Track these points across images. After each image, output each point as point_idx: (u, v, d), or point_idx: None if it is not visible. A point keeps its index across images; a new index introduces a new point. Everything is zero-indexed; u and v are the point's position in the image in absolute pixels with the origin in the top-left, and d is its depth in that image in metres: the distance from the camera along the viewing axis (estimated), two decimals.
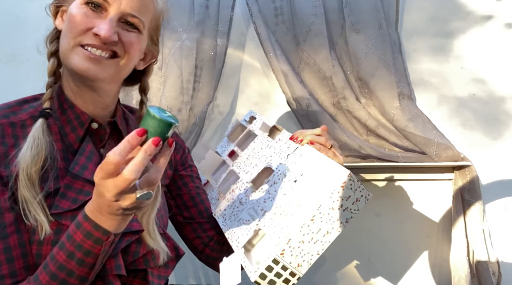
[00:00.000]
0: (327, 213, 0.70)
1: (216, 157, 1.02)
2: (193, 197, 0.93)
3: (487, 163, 1.39)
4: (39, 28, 1.65)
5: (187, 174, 0.94)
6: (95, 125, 0.74)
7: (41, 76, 1.63)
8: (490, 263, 1.30)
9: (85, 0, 0.67)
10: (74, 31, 0.67)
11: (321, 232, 0.70)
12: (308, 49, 1.45)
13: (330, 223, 0.70)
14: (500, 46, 1.42)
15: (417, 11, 1.48)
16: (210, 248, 0.94)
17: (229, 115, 1.57)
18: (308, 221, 0.69)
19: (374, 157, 1.41)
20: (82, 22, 0.67)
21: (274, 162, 0.88)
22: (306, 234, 0.69)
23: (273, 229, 0.74)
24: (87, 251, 0.59)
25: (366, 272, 1.47)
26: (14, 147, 0.66)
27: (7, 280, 0.62)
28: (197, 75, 1.51)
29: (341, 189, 0.70)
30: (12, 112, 0.70)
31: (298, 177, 0.79)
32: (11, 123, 0.68)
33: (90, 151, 0.72)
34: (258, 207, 0.82)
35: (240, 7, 1.54)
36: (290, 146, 0.88)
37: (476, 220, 1.33)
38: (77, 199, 0.67)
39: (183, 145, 0.95)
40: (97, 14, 0.67)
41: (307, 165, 0.80)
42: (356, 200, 0.72)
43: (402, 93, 1.40)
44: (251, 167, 0.93)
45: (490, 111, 1.42)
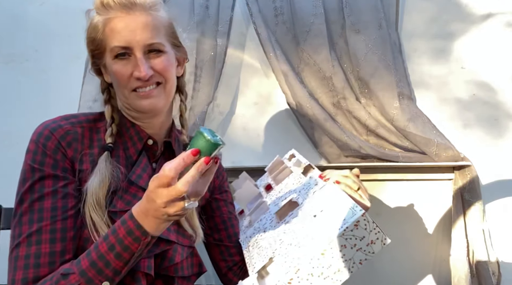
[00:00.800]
0: (339, 249, 0.71)
1: (253, 188, 1.08)
2: (224, 221, 0.99)
3: (487, 163, 1.39)
4: (39, 28, 1.66)
5: (222, 199, 1.01)
6: (151, 142, 0.85)
7: (40, 76, 1.64)
8: (490, 263, 1.30)
9: (113, 55, 0.78)
10: (122, 83, 0.79)
11: (331, 268, 0.71)
12: (308, 49, 1.45)
13: (342, 261, 0.71)
14: (500, 46, 1.42)
15: (417, 11, 1.48)
16: (233, 272, 0.99)
17: (229, 115, 1.57)
18: (319, 255, 0.70)
19: (374, 157, 1.41)
20: (123, 74, 0.78)
21: (300, 197, 0.92)
22: (316, 267, 0.70)
23: (285, 258, 0.75)
24: (126, 246, 0.67)
25: (366, 272, 1.47)
26: (89, 147, 0.79)
27: (58, 256, 0.71)
28: (197, 75, 1.51)
29: (355, 227, 0.71)
30: (94, 120, 0.83)
31: (318, 212, 0.81)
32: (90, 128, 0.82)
33: (145, 164, 0.84)
34: (277, 237, 0.84)
35: (240, 7, 1.54)
36: (318, 183, 0.92)
37: (476, 220, 1.33)
38: (130, 202, 0.78)
39: (223, 172, 1.03)
40: (128, 60, 0.78)
41: (328, 201, 0.82)
42: (371, 242, 0.72)
43: (402, 93, 1.40)
44: (281, 200, 0.97)
45: (490, 112, 1.42)
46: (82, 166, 0.77)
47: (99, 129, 0.82)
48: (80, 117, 0.82)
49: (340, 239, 0.70)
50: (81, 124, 0.80)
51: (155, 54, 0.79)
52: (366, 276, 1.47)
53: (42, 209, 0.72)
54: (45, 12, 1.64)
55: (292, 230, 0.82)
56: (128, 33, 0.76)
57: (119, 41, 0.76)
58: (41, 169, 0.74)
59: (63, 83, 1.60)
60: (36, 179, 0.73)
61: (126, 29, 0.76)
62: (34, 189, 0.73)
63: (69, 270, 0.68)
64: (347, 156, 1.46)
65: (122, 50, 0.77)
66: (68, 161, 0.76)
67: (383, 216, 1.47)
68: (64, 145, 0.76)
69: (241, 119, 1.57)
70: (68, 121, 0.79)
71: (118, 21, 0.76)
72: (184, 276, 0.83)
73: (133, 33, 0.76)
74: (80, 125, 0.80)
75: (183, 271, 0.82)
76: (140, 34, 0.76)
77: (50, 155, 0.74)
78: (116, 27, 0.76)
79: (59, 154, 0.75)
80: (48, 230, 0.71)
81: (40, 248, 0.70)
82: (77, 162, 0.77)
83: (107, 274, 0.67)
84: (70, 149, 0.76)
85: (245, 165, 1.46)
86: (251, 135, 1.56)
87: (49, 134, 0.75)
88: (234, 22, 1.51)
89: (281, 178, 1.09)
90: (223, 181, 1.03)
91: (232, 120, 1.57)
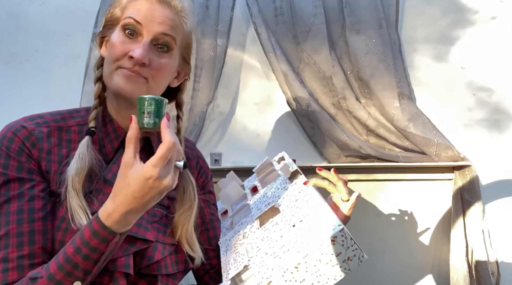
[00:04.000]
0: (313, 264, 0.68)
1: (239, 189, 1.06)
2: (205, 222, 0.96)
3: (487, 163, 1.39)
4: (39, 28, 1.66)
5: (205, 199, 0.97)
6: None
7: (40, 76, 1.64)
8: (489, 263, 1.30)
9: (122, 26, 0.75)
10: (113, 57, 0.75)
11: (305, 282, 0.68)
12: (308, 49, 1.45)
13: (316, 276, 0.69)
14: (500, 46, 1.42)
15: (417, 11, 1.48)
16: (210, 276, 0.97)
17: (229, 115, 1.57)
18: (292, 268, 0.68)
19: (374, 157, 1.41)
20: (120, 48, 0.75)
21: (283, 204, 0.90)
22: (288, 281, 0.68)
23: (260, 268, 0.74)
24: (93, 248, 0.65)
25: (367, 271, 1.47)
26: (57, 146, 0.77)
27: (26, 260, 0.69)
28: (197, 75, 1.51)
29: (331, 243, 0.68)
30: (62, 118, 0.80)
31: (298, 222, 0.79)
32: (59, 127, 0.79)
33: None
34: (255, 244, 0.82)
35: (240, 7, 1.54)
36: (301, 191, 0.90)
37: (476, 220, 1.33)
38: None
39: (207, 171, 1.00)
40: (133, 40, 0.75)
41: (308, 212, 0.80)
42: (347, 259, 0.70)
43: (402, 93, 1.40)
44: (264, 204, 0.95)
45: (490, 112, 1.42)
46: (50, 166, 0.75)
47: (69, 128, 0.79)
48: (46, 117, 0.79)
49: (315, 254, 0.68)
50: (47, 124, 0.77)
51: (160, 50, 0.77)
52: (365, 275, 1.47)
53: (8, 213, 0.70)
54: (45, 12, 1.63)
55: (270, 238, 0.81)
56: (148, 16, 0.74)
57: (136, 15, 0.74)
58: (5, 173, 0.72)
59: (63, 83, 1.59)
60: (1, 183, 0.71)
61: (149, 11, 0.75)
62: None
63: (38, 274, 0.66)
64: (347, 156, 1.46)
65: (134, 23, 0.74)
66: (34, 162, 0.73)
67: (382, 215, 1.47)
68: (29, 146, 0.73)
69: (241, 119, 1.57)
70: (33, 122, 0.76)
71: (145, 3, 0.75)
72: (169, 273, 0.80)
73: (152, 18, 0.74)
74: (46, 125, 0.77)
75: (167, 268, 0.80)
76: (158, 23, 0.75)
77: (14, 157, 0.72)
78: (141, 5, 0.75)
79: (24, 155, 0.73)
80: (15, 233, 0.70)
81: (8, 253, 0.69)
82: (44, 161, 0.74)
83: (77, 275, 0.65)
84: (35, 149, 0.74)
85: (245, 165, 1.46)
86: (251, 135, 1.56)
87: (12, 136, 0.73)
88: (234, 22, 1.51)
89: (268, 181, 1.07)
90: (207, 180, 1.00)
91: (232, 120, 1.57)
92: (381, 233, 1.47)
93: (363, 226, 1.48)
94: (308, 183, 0.91)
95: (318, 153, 1.51)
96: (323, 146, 1.49)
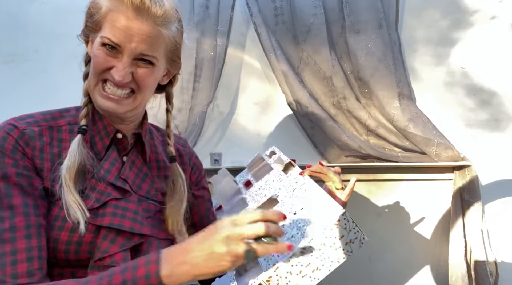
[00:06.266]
0: (318, 248, 0.70)
1: (233, 184, 1.07)
2: (202, 218, 0.97)
3: (487, 163, 1.39)
4: (39, 28, 1.66)
5: (199, 195, 0.98)
6: (120, 135, 0.83)
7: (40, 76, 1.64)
8: (488, 263, 1.30)
9: (101, 42, 0.75)
10: (96, 71, 0.76)
11: (310, 266, 0.70)
12: (308, 49, 1.45)
13: (321, 260, 0.71)
14: (500, 46, 1.42)
15: (417, 11, 1.48)
16: None
17: (229, 115, 1.57)
18: (298, 253, 0.70)
19: (374, 157, 1.41)
20: (102, 62, 0.75)
21: (281, 194, 0.91)
22: (295, 265, 0.69)
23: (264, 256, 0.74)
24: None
25: (367, 271, 1.47)
26: (49, 145, 0.76)
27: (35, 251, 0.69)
28: (197, 75, 1.51)
29: (334, 226, 0.71)
30: (53, 118, 0.80)
31: (298, 210, 0.81)
32: (50, 127, 0.78)
33: (114, 158, 0.81)
34: None
35: (240, 7, 1.54)
36: (298, 181, 0.91)
37: (475, 220, 1.33)
38: (99, 199, 0.75)
39: (201, 167, 1.01)
40: (114, 54, 0.75)
41: (308, 199, 0.82)
42: (350, 241, 0.72)
43: (402, 93, 1.40)
44: (261, 196, 0.96)
45: (490, 112, 1.42)
46: (43, 164, 0.74)
47: (60, 128, 0.79)
48: (36, 117, 0.79)
49: (319, 238, 0.70)
50: (38, 124, 0.77)
51: (143, 64, 0.76)
52: (365, 274, 1.47)
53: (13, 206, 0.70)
54: (45, 12, 1.64)
55: None
56: (126, 35, 0.73)
57: (114, 36, 0.73)
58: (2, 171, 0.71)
59: (63, 83, 1.59)
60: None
61: (126, 31, 0.72)
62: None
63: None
64: (347, 156, 1.46)
65: (112, 44, 0.73)
66: (28, 159, 0.73)
67: (383, 215, 1.48)
68: (22, 144, 0.73)
69: (241, 119, 1.57)
70: (23, 121, 0.76)
71: (122, 18, 0.72)
72: None
73: (130, 38, 0.73)
74: (37, 125, 0.77)
75: None
76: (136, 42, 0.73)
77: (8, 155, 0.72)
78: (118, 22, 0.72)
79: (18, 153, 0.73)
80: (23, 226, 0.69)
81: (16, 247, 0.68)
82: (37, 159, 0.74)
83: None
84: (29, 148, 0.74)
85: (245, 165, 1.46)
86: (251, 135, 1.56)
87: (6, 135, 0.73)
88: (234, 22, 1.51)
89: (261, 175, 1.07)
90: (201, 176, 1.00)
91: (232, 120, 1.57)
92: (381, 232, 1.47)
93: (363, 226, 1.47)
94: (304, 173, 0.92)
95: (318, 153, 1.51)
96: (323, 146, 1.49)
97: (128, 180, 0.80)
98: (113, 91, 0.76)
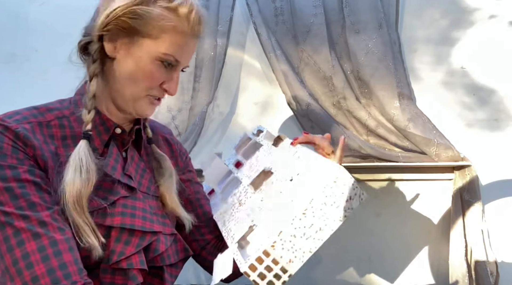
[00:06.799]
0: (319, 208, 0.70)
1: (223, 166, 1.05)
2: (191, 201, 0.95)
3: (487, 163, 1.39)
4: (39, 28, 1.66)
5: (186, 179, 0.96)
6: (119, 130, 0.79)
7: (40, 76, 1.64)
8: (488, 263, 1.30)
9: (160, 58, 0.74)
10: (149, 85, 0.75)
11: (313, 227, 0.70)
12: (308, 49, 1.45)
13: (323, 220, 0.70)
14: (500, 46, 1.42)
15: (417, 11, 1.48)
16: (207, 251, 0.97)
17: (229, 115, 1.57)
18: (300, 215, 0.69)
19: (374, 157, 1.41)
20: (157, 78, 0.75)
21: (274, 166, 0.90)
22: (298, 228, 0.69)
23: (266, 223, 0.74)
24: None
25: (367, 271, 1.47)
26: (44, 143, 0.71)
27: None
28: (197, 75, 1.51)
29: (334, 184, 0.70)
30: (40, 113, 0.75)
31: (295, 175, 0.80)
32: (39, 123, 0.73)
33: (116, 154, 0.78)
34: (255, 206, 0.83)
35: (240, 7, 1.54)
36: (290, 150, 0.91)
37: (475, 220, 1.33)
38: (107, 198, 0.72)
39: (186, 153, 1.00)
40: (168, 70, 0.76)
41: (303, 164, 0.82)
42: (350, 198, 0.72)
43: (402, 93, 1.40)
44: (254, 171, 0.95)
45: (490, 112, 1.42)
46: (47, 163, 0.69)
47: (49, 123, 0.74)
48: (23, 113, 0.73)
49: (320, 197, 0.70)
50: (28, 120, 0.71)
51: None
52: (365, 274, 1.47)
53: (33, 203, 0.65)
54: (45, 12, 1.64)
55: (269, 196, 0.81)
56: (184, 53, 0.76)
57: (176, 53, 0.75)
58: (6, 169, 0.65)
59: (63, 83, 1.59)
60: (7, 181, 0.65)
61: (185, 49, 0.76)
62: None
63: None
64: (347, 155, 1.46)
65: (172, 62, 0.75)
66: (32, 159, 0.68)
67: (383, 215, 1.48)
68: (21, 144, 0.67)
69: (241, 119, 1.57)
70: (11, 119, 0.69)
71: (184, 37, 0.75)
72: (171, 263, 0.80)
73: (186, 56, 0.77)
74: (26, 121, 0.71)
75: (170, 259, 0.79)
76: (187, 58, 0.78)
77: (10, 155, 0.66)
78: (181, 41, 0.74)
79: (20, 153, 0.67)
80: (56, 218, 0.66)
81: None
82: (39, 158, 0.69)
83: None
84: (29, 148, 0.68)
85: None
86: None
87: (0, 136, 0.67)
88: (234, 22, 1.51)
89: (251, 153, 1.06)
90: (187, 160, 0.99)
91: (232, 120, 1.57)
92: (381, 232, 1.47)
93: (364, 226, 1.48)
94: (295, 142, 0.92)
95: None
96: None
97: (132, 176, 0.79)
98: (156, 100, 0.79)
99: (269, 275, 0.68)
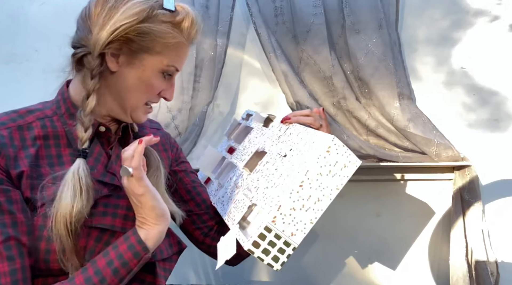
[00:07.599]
0: (315, 178, 0.71)
1: (216, 153, 1.05)
2: (189, 191, 0.96)
3: (487, 163, 1.39)
4: (39, 28, 1.66)
5: (180, 169, 0.97)
6: (103, 128, 0.78)
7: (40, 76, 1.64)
8: (488, 263, 1.30)
9: (163, 70, 0.75)
10: (149, 95, 0.77)
11: (311, 199, 0.71)
12: (308, 49, 1.45)
13: (320, 190, 0.71)
14: (500, 46, 1.42)
15: (417, 11, 1.48)
16: (211, 237, 0.98)
17: (229, 115, 1.57)
18: (297, 187, 0.70)
19: (374, 157, 1.41)
20: (158, 88, 0.77)
21: (266, 145, 0.91)
22: (296, 200, 0.70)
23: (265, 200, 0.75)
24: (124, 261, 0.67)
25: (367, 271, 1.47)
26: (22, 149, 0.70)
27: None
28: (197, 75, 1.51)
29: (327, 153, 0.71)
30: (19, 116, 0.74)
31: (288, 151, 0.81)
32: (19, 126, 0.72)
33: (98, 152, 0.77)
34: (252, 186, 0.84)
35: (240, 7, 1.54)
36: (281, 128, 0.92)
37: (475, 220, 1.33)
38: None
39: (176, 144, 1.01)
40: (166, 80, 0.78)
41: (295, 140, 0.83)
42: (344, 166, 0.73)
43: (402, 93, 1.40)
44: (247, 155, 0.96)
45: (490, 112, 1.42)
46: (21, 171, 0.68)
47: (30, 125, 0.72)
48: (1, 118, 0.71)
49: (315, 168, 0.71)
50: (6, 126, 0.70)
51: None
52: (365, 274, 1.47)
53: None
54: (45, 12, 1.63)
55: (265, 174, 0.82)
56: (183, 61, 0.79)
57: (176, 63, 0.77)
58: None
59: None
60: None
61: (184, 57, 0.78)
62: None
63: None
64: None
65: (173, 72, 0.78)
66: (1, 171, 0.66)
67: (383, 215, 1.48)
68: None
69: None
70: None
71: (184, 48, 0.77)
72: (164, 258, 0.80)
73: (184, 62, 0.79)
74: (4, 127, 0.70)
75: (162, 253, 0.79)
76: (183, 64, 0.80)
77: None
78: (183, 53, 0.77)
79: None
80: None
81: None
82: (12, 168, 0.67)
83: None
84: (1, 157, 0.66)
85: None
86: None
87: None
88: (234, 22, 1.51)
89: (242, 137, 1.07)
90: (178, 152, 0.99)
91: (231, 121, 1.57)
92: (381, 233, 1.47)
93: (364, 226, 1.48)
94: (285, 121, 0.93)
95: None
96: None
97: (116, 174, 0.77)
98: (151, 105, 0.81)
99: (273, 250, 0.69)
